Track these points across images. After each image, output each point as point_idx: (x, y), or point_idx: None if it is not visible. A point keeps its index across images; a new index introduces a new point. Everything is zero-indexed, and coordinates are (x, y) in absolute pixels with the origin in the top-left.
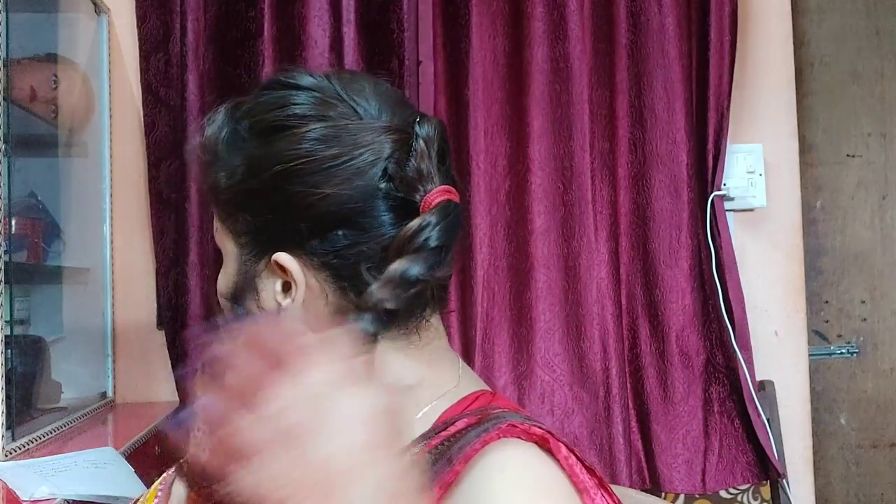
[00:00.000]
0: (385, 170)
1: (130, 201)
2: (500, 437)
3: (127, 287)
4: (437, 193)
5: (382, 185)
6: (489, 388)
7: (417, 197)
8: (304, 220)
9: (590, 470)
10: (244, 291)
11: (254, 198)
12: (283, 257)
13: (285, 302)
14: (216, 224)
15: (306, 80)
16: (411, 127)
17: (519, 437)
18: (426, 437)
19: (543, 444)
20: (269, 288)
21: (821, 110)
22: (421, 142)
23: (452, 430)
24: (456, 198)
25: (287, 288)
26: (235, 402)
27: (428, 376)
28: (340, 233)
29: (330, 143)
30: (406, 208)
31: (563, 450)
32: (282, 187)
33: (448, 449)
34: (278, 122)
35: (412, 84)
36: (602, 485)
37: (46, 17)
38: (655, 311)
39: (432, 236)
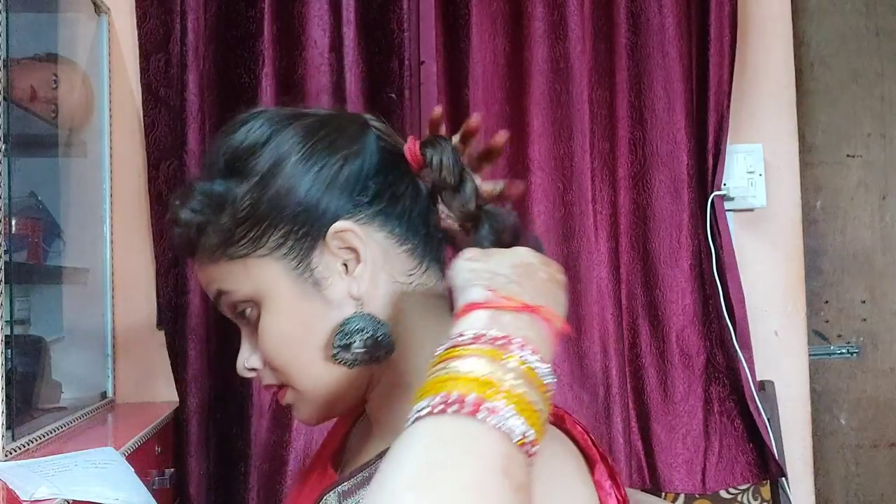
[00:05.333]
0: (374, 133)
1: (130, 201)
2: None
3: (127, 287)
4: (411, 144)
5: (378, 144)
6: None
7: (401, 148)
8: (339, 186)
9: (603, 457)
10: (308, 301)
11: (281, 199)
12: (339, 225)
13: (356, 271)
14: (238, 273)
15: (254, 111)
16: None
17: None
18: None
19: (560, 424)
20: (333, 273)
21: (821, 110)
22: (377, 122)
23: None
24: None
25: (348, 265)
26: None
27: None
28: (371, 183)
29: (316, 129)
30: (398, 159)
31: (579, 428)
32: (304, 172)
33: None
34: (262, 138)
35: (413, 84)
36: (613, 475)
37: (46, 17)
38: (655, 310)
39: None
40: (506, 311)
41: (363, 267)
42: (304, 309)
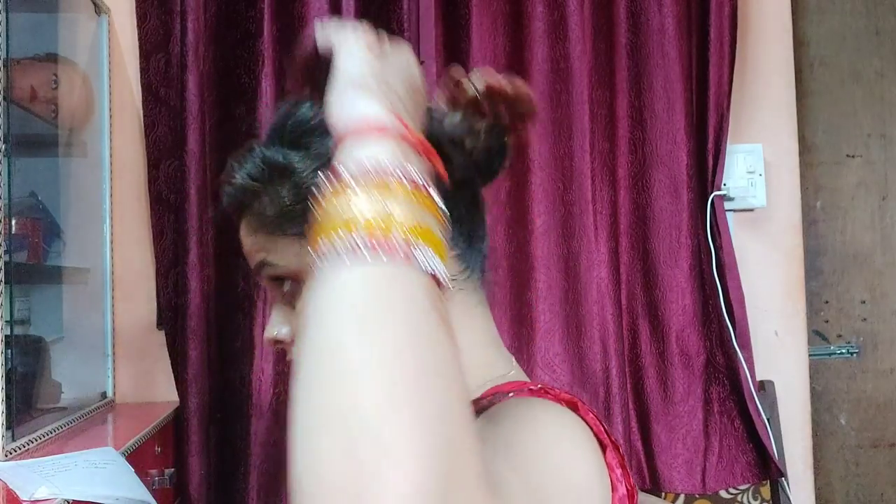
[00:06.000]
0: None
1: (130, 201)
2: (530, 396)
3: (127, 287)
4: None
5: None
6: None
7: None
8: None
9: (615, 444)
10: None
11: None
12: None
13: None
14: (286, 248)
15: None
16: None
17: (547, 397)
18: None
19: (573, 410)
20: None
21: (821, 110)
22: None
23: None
24: None
25: None
26: None
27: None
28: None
29: None
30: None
31: (591, 416)
32: None
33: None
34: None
35: None
36: (623, 465)
37: (46, 17)
38: (655, 311)
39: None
40: (403, 142)
41: None
42: None
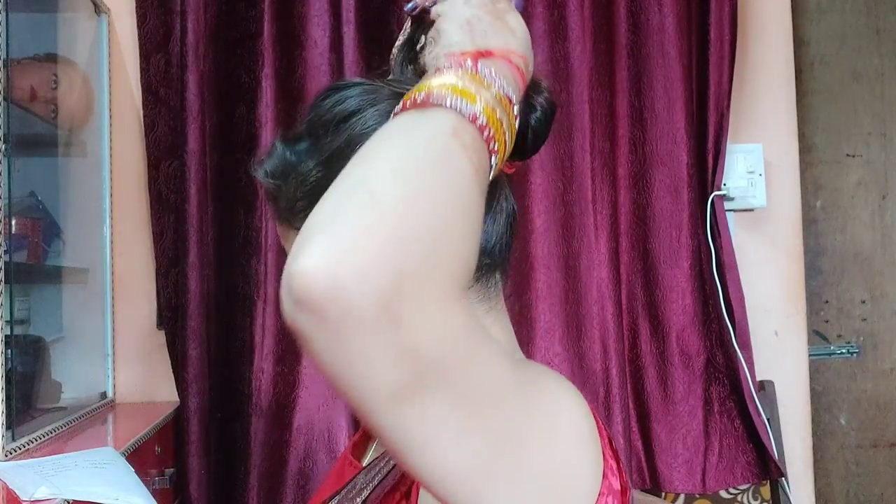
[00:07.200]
0: None
1: (130, 201)
2: None
3: (127, 287)
4: None
5: None
6: None
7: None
8: None
9: (611, 441)
10: None
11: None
12: None
13: None
14: (291, 229)
15: (353, 81)
16: None
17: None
18: None
19: None
20: None
21: (821, 110)
22: None
23: None
24: None
25: None
26: None
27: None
28: None
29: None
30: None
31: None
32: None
33: None
34: (342, 114)
35: None
36: (618, 459)
37: (46, 17)
38: (655, 311)
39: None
40: (489, 59)
41: None
42: None
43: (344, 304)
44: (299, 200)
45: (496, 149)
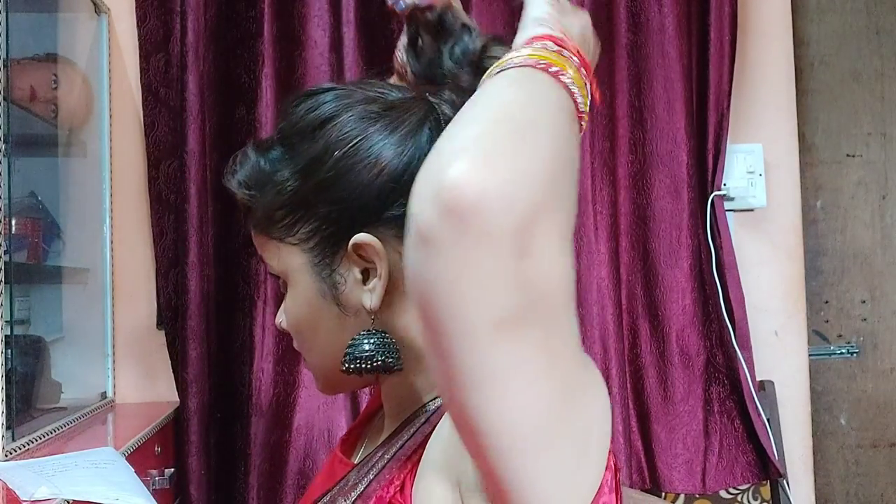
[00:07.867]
0: (430, 128)
1: (130, 201)
2: None
3: (127, 287)
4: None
5: (430, 143)
6: None
7: None
8: (373, 195)
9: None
10: (324, 299)
11: (317, 194)
12: (361, 237)
13: (371, 284)
14: (273, 251)
15: (325, 86)
16: (430, 95)
17: None
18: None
19: None
20: (350, 280)
21: (821, 110)
22: (445, 106)
23: None
24: None
25: (366, 275)
26: None
27: None
28: (404, 200)
29: (372, 119)
30: None
31: None
32: (345, 172)
33: None
34: (317, 121)
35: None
36: (615, 477)
37: (46, 17)
38: (655, 311)
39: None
40: (572, 55)
41: (378, 282)
42: (321, 305)
43: (488, 219)
44: (278, 210)
45: (583, 126)
